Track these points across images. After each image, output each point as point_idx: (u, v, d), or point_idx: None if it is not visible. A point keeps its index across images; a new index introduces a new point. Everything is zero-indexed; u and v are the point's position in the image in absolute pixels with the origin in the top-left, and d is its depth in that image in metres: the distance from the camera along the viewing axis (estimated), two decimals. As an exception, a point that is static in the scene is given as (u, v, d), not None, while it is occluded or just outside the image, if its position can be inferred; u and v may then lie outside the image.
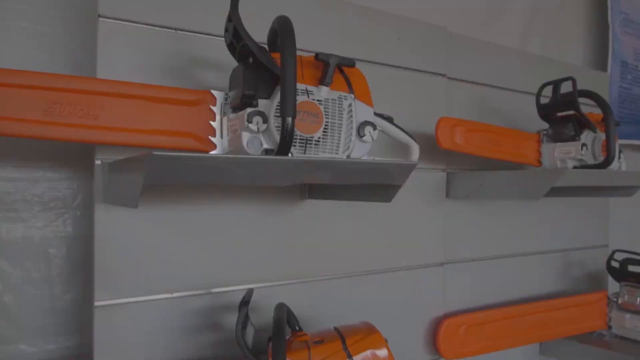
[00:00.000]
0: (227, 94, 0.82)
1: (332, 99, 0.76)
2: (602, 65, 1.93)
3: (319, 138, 0.74)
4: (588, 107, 1.23)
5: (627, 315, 1.41)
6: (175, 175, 0.60)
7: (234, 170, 0.63)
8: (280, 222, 1.02)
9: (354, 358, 0.80)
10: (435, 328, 1.23)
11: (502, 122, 1.41)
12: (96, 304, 0.83)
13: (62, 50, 0.97)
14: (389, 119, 0.88)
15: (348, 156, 0.77)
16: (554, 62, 1.59)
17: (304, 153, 0.73)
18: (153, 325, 0.89)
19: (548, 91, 1.23)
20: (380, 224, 1.16)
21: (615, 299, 1.45)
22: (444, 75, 1.29)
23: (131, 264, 0.86)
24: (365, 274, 1.14)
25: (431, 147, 1.20)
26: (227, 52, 0.79)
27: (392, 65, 1.19)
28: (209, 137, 0.81)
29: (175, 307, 0.91)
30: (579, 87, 1.16)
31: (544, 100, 1.26)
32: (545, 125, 1.29)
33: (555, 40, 1.81)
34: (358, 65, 0.83)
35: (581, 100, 1.17)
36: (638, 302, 1.38)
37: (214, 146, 0.81)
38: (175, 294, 0.91)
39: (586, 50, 1.94)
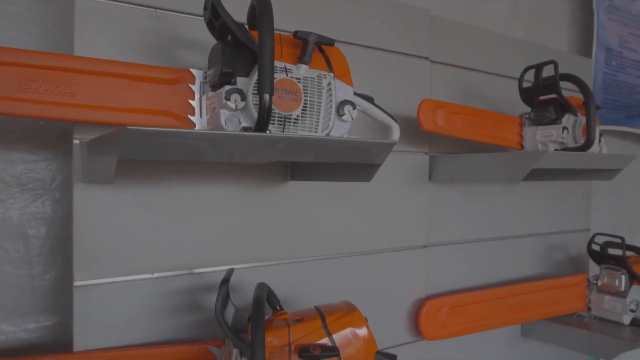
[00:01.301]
0: (206, 73, 0.81)
1: (311, 77, 0.76)
2: (586, 51, 1.94)
3: (298, 116, 0.74)
4: (571, 93, 1.24)
5: (606, 297, 1.44)
6: (149, 151, 0.60)
7: (209, 146, 0.63)
8: (262, 203, 1.02)
9: (333, 336, 0.81)
10: (417, 310, 1.24)
11: (486, 106, 1.42)
12: (75, 284, 0.83)
13: (40, 31, 0.96)
14: (370, 99, 0.88)
15: (327, 135, 0.77)
16: (538, 47, 1.60)
17: (283, 131, 0.73)
18: (133, 305, 0.89)
19: (531, 76, 1.24)
20: (363, 206, 1.17)
21: (595, 282, 1.48)
22: (427, 59, 1.29)
23: (111, 244, 0.86)
24: (348, 255, 1.14)
25: (414, 130, 1.21)
26: (208, 32, 0.78)
27: (375, 48, 1.19)
28: (188, 115, 0.80)
29: (156, 287, 0.91)
30: (564, 72, 1.17)
31: (526, 84, 1.27)
32: (528, 109, 1.29)
33: (539, 26, 1.81)
34: (342, 47, 0.83)
35: (564, 85, 1.18)
36: (617, 284, 1.40)
37: (193, 125, 0.80)
38: (155, 274, 0.91)
39: (571, 36, 1.95)
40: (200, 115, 0.81)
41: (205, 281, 0.95)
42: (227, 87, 0.72)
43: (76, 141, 0.83)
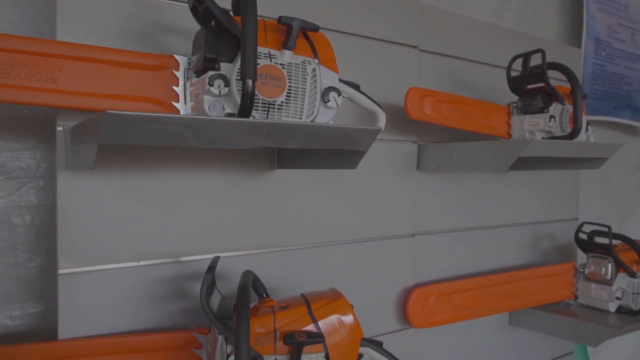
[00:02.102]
0: (190, 59, 0.81)
1: (296, 64, 0.75)
2: (576, 41, 1.94)
3: (282, 102, 0.74)
4: (560, 82, 1.24)
5: (593, 285, 1.45)
6: (130, 137, 0.59)
7: (190, 132, 0.62)
8: (249, 191, 1.02)
9: (319, 322, 0.81)
10: (404, 298, 1.25)
11: (475, 95, 1.42)
12: (60, 271, 0.83)
13: (22, 18, 0.95)
14: (356, 86, 0.88)
15: (312, 121, 0.77)
16: (527, 37, 1.60)
17: (267, 117, 0.73)
18: (119, 293, 0.88)
19: (520, 65, 1.24)
20: (351, 195, 1.17)
21: (582, 270, 1.49)
22: (415, 48, 1.28)
23: (96, 232, 0.86)
24: (335, 244, 1.15)
25: (402, 119, 1.21)
26: (192, 18, 0.78)
27: (363, 36, 1.19)
28: (172, 102, 0.80)
29: (142, 275, 0.90)
30: (551, 61, 1.17)
31: (514, 74, 1.27)
32: (516, 99, 1.30)
33: (529, 16, 1.81)
34: (329, 35, 0.83)
35: (553, 74, 1.18)
36: (603, 272, 1.42)
37: (177, 112, 0.80)
38: (142, 262, 0.91)
39: (560, 26, 1.95)
40: (185, 102, 0.80)
41: (192, 269, 0.95)
42: (211, 73, 0.71)
43: (59, 128, 0.82)
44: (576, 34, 1.95)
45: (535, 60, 1.21)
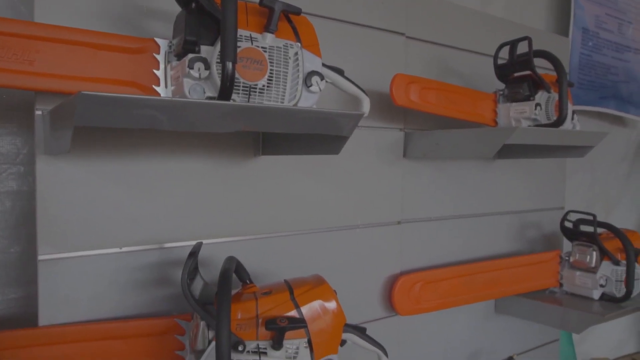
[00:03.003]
0: (171, 42, 0.80)
1: (277, 47, 0.75)
2: (564, 31, 1.95)
3: (264, 86, 0.73)
4: (547, 71, 1.24)
5: (578, 273, 1.46)
6: (106, 119, 0.58)
7: (168, 114, 0.61)
8: (233, 177, 1.01)
9: (301, 308, 0.81)
10: (390, 285, 1.25)
11: (463, 83, 1.41)
12: (40, 257, 0.82)
13: (0, 0, 0.93)
14: (339, 71, 0.87)
15: (295, 105, 0.76)
16: (515, 25, 1.60)
17: (248, 101, 0.72)
18: (101, 280, 0.88)
19: (507, 53, 1.23)
20: (337, 182, 1.16)
21: (567, 258, 1.50)
22: (403, 35, 1.28)
23: (77, 218, 0.85)
24: (321, 231, 1.14)
25: (389, 107, 1.20)
26: (173, 1, 0.76)
27: (350, 22, 1.18)
28: (153, 86, 0.79)
29: (124, 261, 0.90)
30: (538, 49, 1.17)
31: (502, 62, 1.26)
32: (503, 86, 1.29)
33: (518, 5, 1.81)
34: (315, 21, 0.82)
35: (540, 64, 1.18)
36: (588, 260, 1.43)
37: (158, 95, 0.79)
38: (124, 249, 0.90)
39: (549, 15, 1.96)
40: (166, 86, 0.79)
41: (175, 256, 0.94)
42: (191, 56, 0.70)
43: (38, 112, 0.81)
44: (564, 23, 1.96)
45: (523, 48, 1.20)
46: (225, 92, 0.67)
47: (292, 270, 1.07)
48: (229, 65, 0.66)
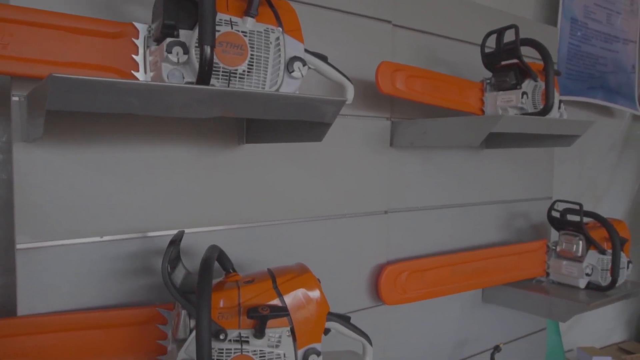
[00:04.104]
0: (150, 27, 0.78)
1: (258, 32, 0.73)
2: (552, 20, 1.94)
3: (244, 71, 0.72)
4: (535, 60, 1.23)
5: (564, 262, 1.47)
6: (80, 102, 0.57)
7: (143, 99, 0.60)
8: (216, 165, 1.00)
9: (284, 297, 0.80)
10: (377, 275, 1.25)
11: (450, 72, 1.40)
12: (18, 246, 0.80)
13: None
14: (323, 58, 0.86)
15: (276, 91, 0.75)
16: (503, 15, 1.59)
17: (228, 86, 0.71)
18: (81, 269, 0.86)
19: (494, 42, 1.23)
20: (323, 171, 1.15)
21: (554, 247, 1.50)
22: (389, 22, 1.27)
23: (56, 206, 0.83)
24: (307, 220, 1.14)
25: (376, 95, 1.19)
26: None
27: (335, 9, 1.16)
28: (132, 71, 0.77)
29: (105, 251, 0.89)
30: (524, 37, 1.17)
31: (489, 50, 1.26)
32: (490, 75, 1.29)
33: (506, -6, 1.80)
34: (303, 8, 0.80)
35: (527, 52, 1.18)
36: (574, 249, 1.43)
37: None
38: (105, 238, 0.88)
39: (537, 5, 1.95)
40: (145, 72, 0.78)
41: (158, 245, 0.93)
42: (169, 40, 0.69)
43: (15, 98, 0.79)
44: (553, 13, 1.95)
45: (510, 37, 1.20)
46: (203, 76, 0.66)
47: (277, 259, 1.06)
48: (207, 49, 0.64)
